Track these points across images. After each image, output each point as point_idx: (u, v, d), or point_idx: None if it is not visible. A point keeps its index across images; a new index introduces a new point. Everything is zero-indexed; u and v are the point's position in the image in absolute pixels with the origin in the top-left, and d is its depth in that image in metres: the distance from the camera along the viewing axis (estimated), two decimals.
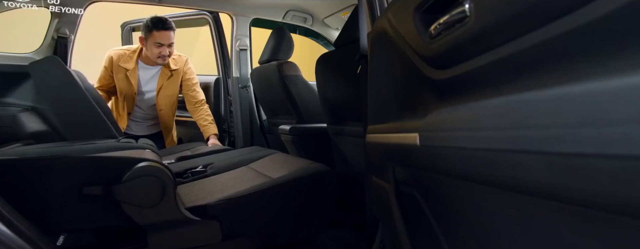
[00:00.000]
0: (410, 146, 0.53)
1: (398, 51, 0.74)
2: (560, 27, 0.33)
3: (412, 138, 0.51)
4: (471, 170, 0.40)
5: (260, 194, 1.05)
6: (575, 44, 0.32)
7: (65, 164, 0.87)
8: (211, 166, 1.46)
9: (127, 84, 2.10)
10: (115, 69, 2.08)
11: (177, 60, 2.23)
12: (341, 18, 2.52)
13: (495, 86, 0.43)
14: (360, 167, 1.55)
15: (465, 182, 0.45)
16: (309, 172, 1.16)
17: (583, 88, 0.30)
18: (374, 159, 0.80)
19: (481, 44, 0.47)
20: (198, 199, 1.09)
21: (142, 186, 0.89)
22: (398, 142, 0.61)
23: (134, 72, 2.09)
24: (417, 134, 0.49)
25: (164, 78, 2.17)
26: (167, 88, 2.20)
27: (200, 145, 2.10)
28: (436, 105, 0.62)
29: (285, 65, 1.94)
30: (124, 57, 2.08)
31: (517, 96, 0.39)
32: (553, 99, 0.32)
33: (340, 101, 1.55)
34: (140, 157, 0.95)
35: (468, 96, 0.48)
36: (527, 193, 0.38)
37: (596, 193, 0.28)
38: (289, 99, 1.93)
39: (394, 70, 0.79)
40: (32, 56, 1.94)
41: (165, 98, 2.22)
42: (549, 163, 0.32)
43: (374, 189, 0.87)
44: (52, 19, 1.92)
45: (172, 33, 2.02)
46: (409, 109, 0.73)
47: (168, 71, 2.18)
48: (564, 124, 0.30)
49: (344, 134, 1.58)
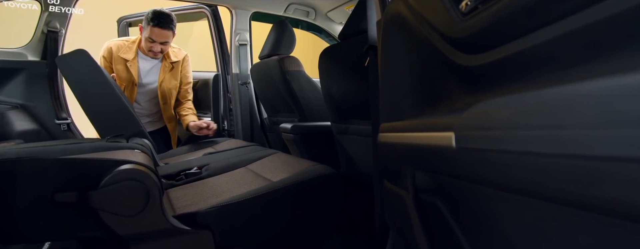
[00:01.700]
0: (442, 148, 0.42)
1: (417, 37, 0.63)
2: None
3: (444, 139, 0.41)
4: (538, 182, 0.29)
5: (257, 200, 0.94)
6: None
7: (35, 167, 0.76)
8: (207, 167, 1.36)
9: (127, 75, 2.00)
10: (114, 60, 1.98)
11: (177, 52, 2.14)
12: (345, 11, 2.41)
13: (562, 70, 0.33)
14: (367, 169, 1.44)
15: (518, 196, 0.34)
16: (312, 175, 1.05)
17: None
18: (387, 162, 0.69)
19: (537, 16, 0.36)
20: (189, 205, 0.98)
21: (122, 191, 0.79)
22: (421, 143, 0.50)
23: (134, 63, 1.99)
24: (451, 133, 0.39)
25: (165, 71, 2.08)
26: (170, 81, 2.11)
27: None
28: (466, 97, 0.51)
29: (287, 60, 1.84)
30: (123, 48, 1.99)
31: (598, 82, 0.28)
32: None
33: (345, 97, 1.45)
34: (122, 159, 0.84)
35: (518, 84, 0.38)
36: (609, 212, 0.27)
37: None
38: (291, 95, 1.82)
39: (411, 59, 0.68)
40: (22, 51, 1.85)
41: (169, 91, 2.13)
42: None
43: (386, 196, 0.76)
44: (41, 12, 1.82)
45: (169, 33, 1.93)
46: (429, 103, 0.62)
47: (169, 62, 2.09)
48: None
49: (350, 132, 1.47)
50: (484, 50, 0.47)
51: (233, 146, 1.71)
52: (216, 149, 1.78)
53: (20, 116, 1.80)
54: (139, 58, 2.02)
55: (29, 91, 1.82)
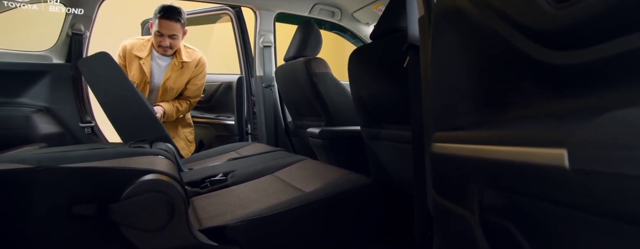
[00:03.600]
0: (541, 167, 0.34)
1: (480, 31, 0.55)
2: None
3: (548, 156, 0.32)
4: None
5: (289, 214, 0.86)
6: None
7: (51, 178, 0.70)
8: (232, 174, 1.29)
9: (140, 73, 1.96)
10: (128, 58, 1.96)
11: (191, 53, 2.07)
12: (372, 11, 2.32)
13: None
14: (401, 177, 1.35)
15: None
16: (347, 186, 0.97)
17: None
18: (443, 175, 0.60)
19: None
20: (215, 217, 0.91)
21: (146, 204, 0.72)
22: (502, 158, 0.42)
23: (147, 61, 1.95)
24: (562, 151, 0.30)
25: (173, 69, 2.01)
26: (175, 80, 2.03)
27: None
28: (552, 103, 0.43)
29: (314, 61, 1.76)
30: (137, 46, 1.96)
31: None
32: None
33: (377, 100, 1.36)
34: (145, 169, 0.78)
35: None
36: None
37: None
38: (318, 98, 1.75)
39: (470, 57, 0.59)
40: (47, 54, 1.84)
41: (170, 90, 2.04)
42: None
43: (438, 213, 0.67)
44: (66, 14, 1.81)
45: (176, 25, 1.86)
46: (493, 107, 0.53)
47: (179, 61, 2.01)
48: None
49: (381, 138, 1.39)
50: (582, 46, 0.38)
51: (258, 151, 1.65)
52: (240, 153, 1.72)
53: (44, 119, 1.78)
54: (153, 56, 1.98)
55: (54, 94, 1.81)
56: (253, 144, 1.89)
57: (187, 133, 2.23)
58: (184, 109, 2.10)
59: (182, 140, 2.17)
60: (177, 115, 2.08)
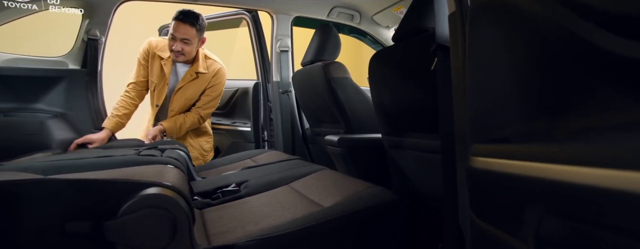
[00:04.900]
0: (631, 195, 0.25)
1: (535, 22, 0.46)
2: None
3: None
4: None
5: (306, 232, 0.78)
6: None
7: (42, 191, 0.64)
8: (246, 184, 1.22)
9: (160, 74, 1.90)
10: (151, 56, 1.90)
11: (209, 65, 1.97)
12: (393, 14, 2.24)
13: None
14: (426, 189, 1.25)
15: None
16: (371, 202, 0.88)
17: None
18: (488, 196, 0.51)
19: None
20: (224, 233, 0.84)
21: (144, 222, 0.65)
22: (577, 181, 0.32)
23: (169, 62, 1.89)
24: None
25: (187, 79, 1.93)
26: (187, 91, 1.94)
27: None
28: None
29: (332, 66, 1.68)
30: (161, 46, 1.90)
31: None
32: None
33: (400, 106, 1.27)
34: (146, 181, 0.71)
35: None
36: None
37: None
38: (336, 104, 1.66)
39: (519, 55, 0.50)
40: (63, 60, 1.83)
41: (181, 101, 1.95)
42: None
43: (477, 238, 0.58)
44: (82, 20, 1.79)
45: (190, 29, 1.78)
46: (551, 114, 0.44)
47: (194, 71, 1.93)
48: None
49: (405, 147, 1.29)
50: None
51: (274, 160, 1.57)
52: (256, 161, 1.65)
53: (59, 125, 1.76)
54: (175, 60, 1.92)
55: (69, 100, 1.79)
56: (269, 152, 1.82)
57: (202, 142, 2.13)
58: (191, 124, 1.98)
59: (196, 150, 2.08)
60: (184, 131, 1.97)
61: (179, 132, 1.95)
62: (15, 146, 1.55)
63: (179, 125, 1.93)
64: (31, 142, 1.66)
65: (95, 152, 1.37)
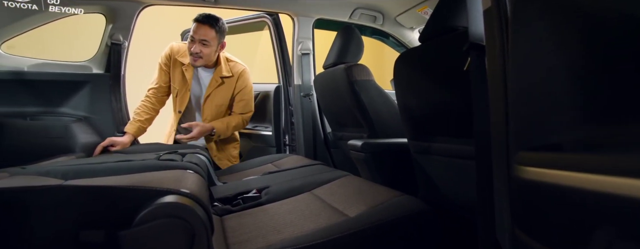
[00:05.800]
0: None
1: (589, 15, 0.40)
2: None
3: None
4: None
5: (332, 244, 0.73)
6: None
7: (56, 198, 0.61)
8: (267, 190, 1.19)
9: (182, 80, 1.90)
10: (173, 62, 1.90)
11: (232, 67, 1.97)
12: (417, 14, 2.17)
13: None
14: (456, 197, 1.19)
15: None
16: (401, 212, 0.82)
17: None
18: (538, 211, 0.45)
19: None
20: (244, 242, 0.80)
21: (161, 232, 0.61)
22: None
23: (190, 68, 1.89)
24: None
25: (213, 85, 1.93)
26: (216, 97, 1.94)
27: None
28: None
29: (355, 68, 1.63)
30: (183, 51, 1.90)
31: None
32: None
33: (427, 109, 1.21)
34: (163, 188, 0.68)
35: None
36: None
37: None
38: (360, 108, 1.61)
39: (572, 52, 0.44)
40: (88, 64, 1.85)
41: (213, 108, 1.95)
42: None
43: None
44: (106, 24, 1.82)
45: (209, 30, 1.77)
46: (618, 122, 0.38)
47: (219, 76, 1.93)
48: None
49: (432, 152, 1.23)
50: None
51: (296, 165, 1.54)
52: (278, 167, 1.62)
53: (83, 129, 1.78)
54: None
55: (93, 104, 1.81)
56: (290, 156, 1.78)
57: (230, 148, 2.12)
58: (236, 124, 1.99)
59: (224, 156, 2.07)
60: (231, 131, 1.99)
61: (226, 132, 1.96)
62: (41, 149, 1.57)
63: (226, 124, 1.94)
64: (56, 145, 1.68)
65: (116, 156, 1.36)
